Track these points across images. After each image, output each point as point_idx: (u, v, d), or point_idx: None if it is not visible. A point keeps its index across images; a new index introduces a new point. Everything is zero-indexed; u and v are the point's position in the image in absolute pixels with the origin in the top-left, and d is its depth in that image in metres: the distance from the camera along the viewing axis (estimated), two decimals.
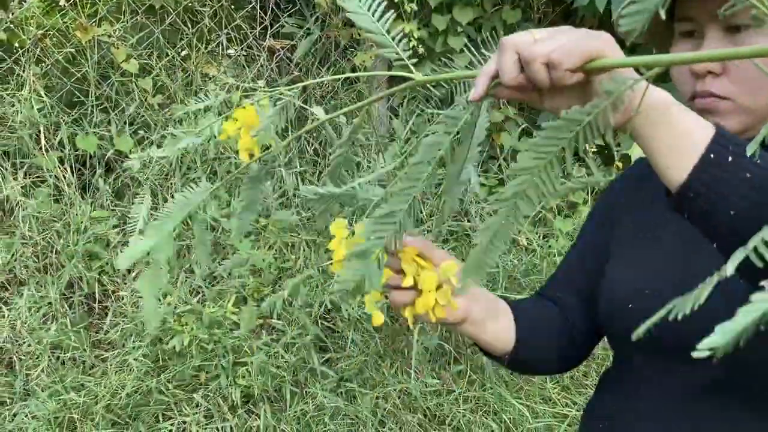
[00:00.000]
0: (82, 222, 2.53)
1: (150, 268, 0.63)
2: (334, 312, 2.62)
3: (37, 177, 2.62)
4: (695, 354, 0.24)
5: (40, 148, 2.60)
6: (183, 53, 2.93)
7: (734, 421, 0.77)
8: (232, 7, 3.05)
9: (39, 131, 2.61)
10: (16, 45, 2.74)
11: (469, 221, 2.96)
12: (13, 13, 2.66)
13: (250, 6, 3.05)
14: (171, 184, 2.69)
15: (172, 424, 2.26)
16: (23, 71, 2.63)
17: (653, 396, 0.83)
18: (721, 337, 0.23)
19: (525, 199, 0.39)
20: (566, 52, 0.49)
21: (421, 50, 3.03)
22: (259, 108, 0.55)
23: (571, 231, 3.03)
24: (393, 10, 0.53)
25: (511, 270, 2.83)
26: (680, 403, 0.80)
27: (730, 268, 0.28)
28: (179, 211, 0.66)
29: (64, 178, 2.61)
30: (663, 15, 0.34)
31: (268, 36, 3.05)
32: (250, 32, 3.03)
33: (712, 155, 0.53)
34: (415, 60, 3.00)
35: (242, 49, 3.04)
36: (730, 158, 0.53)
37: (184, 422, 2.27)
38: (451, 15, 3.05)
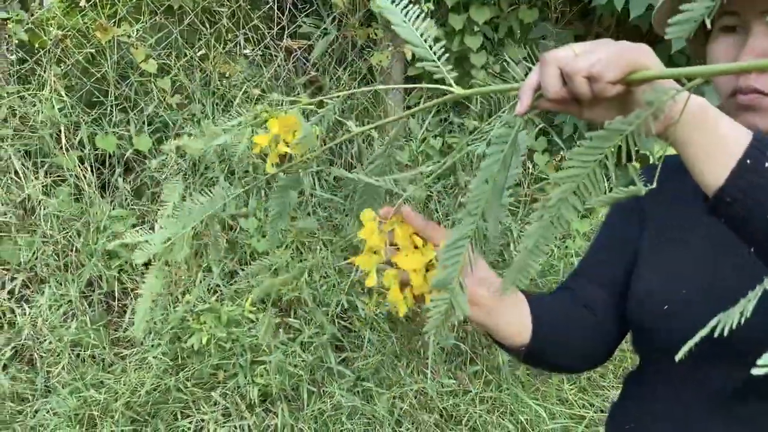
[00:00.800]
0: (101, 221, 2.56)
1: (157, 267, 0.64)
2: (351, 311, 2.63)
3: (58, 176, 2.64)
4: (755, 371, 0.24)
5: (61, 148, 2.63)
6: (201, 53, 2.95)
7: (761, 423, 0.77)
8: (249, 7, 3.06)
9: (59, 131, 2.63)
10: (37, 46, 2.77)
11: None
12: (33, 14, 2.69)
13: (268, 6, 3.06)
14: (189, 183, 2.71)
15: (190, 422, 2.28)
16: (44, 71, 2.66)
17: (680, 398, 0.83)
18: None
19: (568, 205, 0.40)
20: (607, 65, 0.50)
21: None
22: (297, 115, 0.55)
23: (588, 231, 3.01)
24: (436, 26, 0.54)
25: None
26: (708, 404, 0.80)
27: None
28: (198, 213, 0.67)
29: (84, 177, 2.63)
30: (709, 25, 0.34)
31: (285, 36, 3.06)
32: (268, 32, 3.04)
33: (749, 161, 0.53)
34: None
35: (259, 49, 3.05)
36: (767, 164, 0.53)
37: (203, 420, 2.29)
38: (468, 14, 3.04)
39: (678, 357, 0.40)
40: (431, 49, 0.50)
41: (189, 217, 0.63)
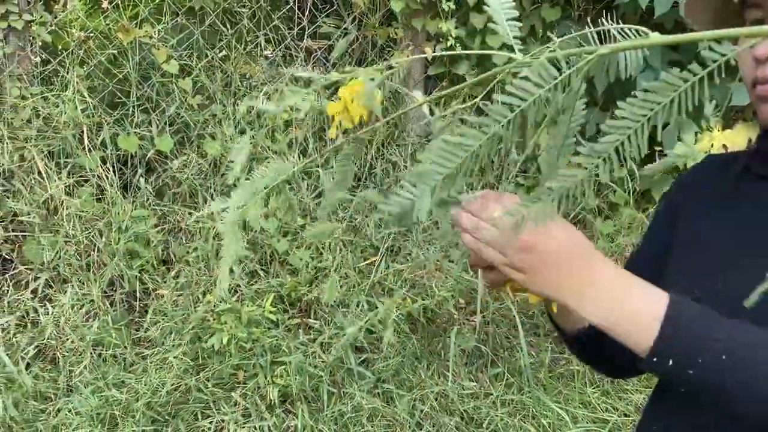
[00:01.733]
0: (123, 221, 2.57)
1: (231, 231, 0.66)
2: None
3: (81, 176, 2.66)
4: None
5: (83, 148, 2.65)
6: (222, 54, 2.95)
7: None
8: (270, 8, 3.07)
9: (82, 131, 2.66)
10: (61, 47, 2.80)
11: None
12: (57, 17, 2.71)
13: (288, 7, 3.06)
14: (210, 184, 2.72)
15: (210, 423, 2.28)
16: (67, 73, 2.68)
17: (699, 400, 0.81)
18: None
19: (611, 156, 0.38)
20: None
21: (458, 49, 3.01)
22: (365, 80, 0.56)
23: (612, 233, 2.97)
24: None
25: None
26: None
27: None
28: (270, 176, 0.68)
29: (106, 177, 2.65)
30: None
31: (305, 36, 3.06)
32: (288, 33, 3.04)
33: (654, 359, 0.65)
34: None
35: (280, 49, 3.05)
36: (670, 363, 0.64)
37: (223, 420, 2.29)
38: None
39: None
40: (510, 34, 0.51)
41: (261, 180, 0.64)
